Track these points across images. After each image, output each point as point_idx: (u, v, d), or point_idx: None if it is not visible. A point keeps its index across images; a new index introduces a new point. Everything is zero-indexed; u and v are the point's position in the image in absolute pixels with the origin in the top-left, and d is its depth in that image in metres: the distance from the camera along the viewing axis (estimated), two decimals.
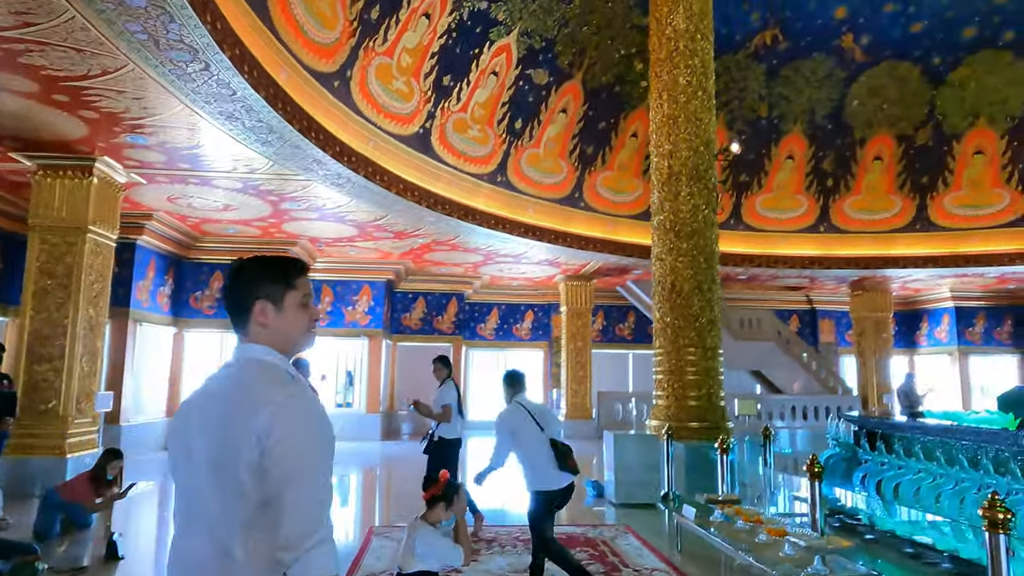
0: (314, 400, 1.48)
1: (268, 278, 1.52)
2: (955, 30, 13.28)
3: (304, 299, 1.55)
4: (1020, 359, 18.99)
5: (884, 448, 6.35)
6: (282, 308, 1.51)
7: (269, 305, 1.50)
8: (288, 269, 1.55)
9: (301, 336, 1.55)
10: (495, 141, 11.85)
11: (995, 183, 14.53)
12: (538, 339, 19.89)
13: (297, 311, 1.53)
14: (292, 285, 1.53)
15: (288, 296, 1.52)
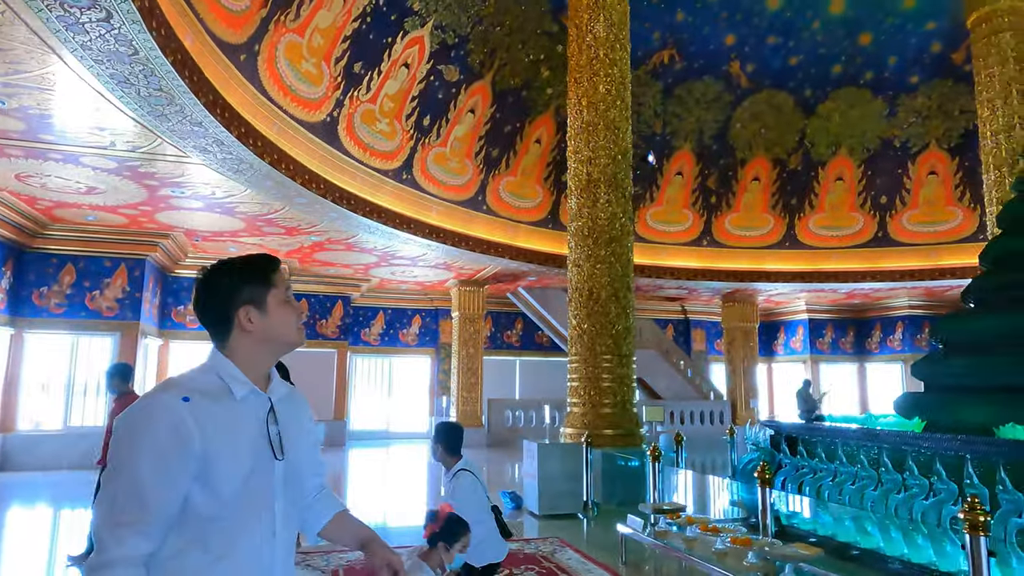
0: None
1: (246, 281, 1.46)
2: (825, 66, 14.58)
3: (286, 295, 1.50)
4: (859, 367, 21.21)
5: (805, 452, 6.64)
6: (266, 310, 1.46)
7: (252, 309, 1.45)
8: (265, 267, 1.50)
9: (293, 333, 1.50)
10: (403, 136, 11.31)
11: (851, 208, 16.11)
12: (425, 345, 19.33)
13: (282, 309, 1.48)
14: (271, 283, 1.48)
15: (270, 296, 1.47)
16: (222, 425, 1.36)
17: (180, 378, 1.41)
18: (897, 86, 14.70)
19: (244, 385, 1.43)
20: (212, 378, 1.42)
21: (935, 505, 5.09)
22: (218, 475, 1.33)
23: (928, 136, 15.11)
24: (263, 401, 1.45)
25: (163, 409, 1.31)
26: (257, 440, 1.40)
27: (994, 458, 4.78)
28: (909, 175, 15.60)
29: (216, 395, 1.40)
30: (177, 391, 1.35)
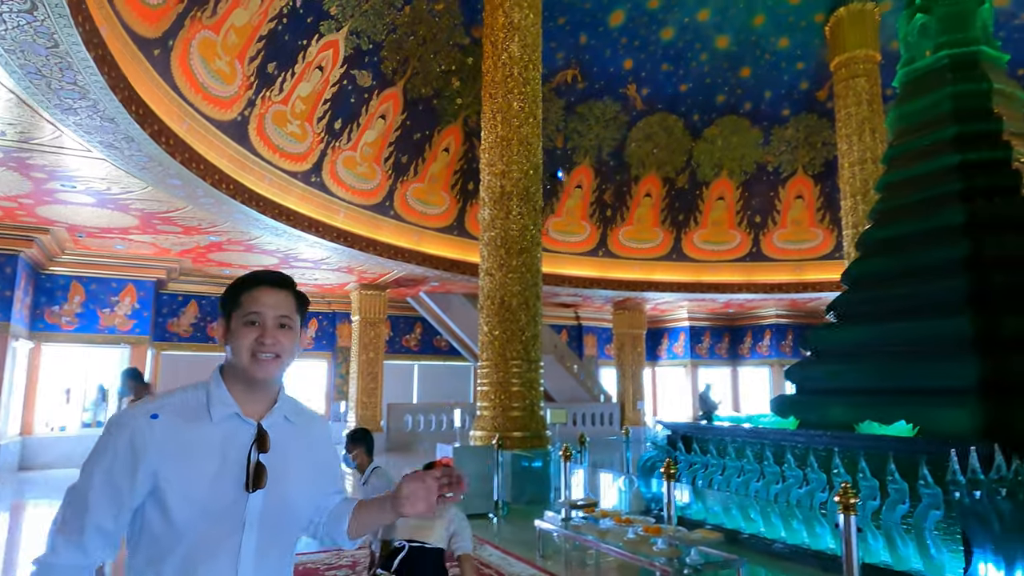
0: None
1: (226, 295, 1.46)
2: (711, 95, 15.88)
3: (248, 316, 1.41)
4: (732, 370, 23.08)
5: (699, 449, 7.35)
6: (229, 328, 1.43)
7: (225, 326, 1.45)
8: (242, 283, 1.46)
9: (242, 359, 1.40)
10: (313, 139, 11.19)
11: (730, 225, 17.60)
12: (322, 349, 18.97)
13: (239, 331, 1.41)
14: (238, 302, 1.44)
15: (235, 314, 1.43)
16: (185, 447, 1.31)
17: (169, 393, 1.40)
18: (771, 117, 16.28)
19: (225, 407, 1.37)
20: (199, 396, 1.39)
21: (808, 493, 5.88)
22: (171, 498, 1.27)
23: (796, 163, 16.83)
24: (246, 427, 1.38)
25: (127, 423, 1.30)
26: (230, 468, 1.32)
27: (856, 450, 5.61)
28: (779, 198, 17.29)
29: (193, 415, 1.35)
30: (151, 407, 1.34)
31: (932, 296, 6.63)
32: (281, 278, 1.48)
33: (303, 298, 1.52)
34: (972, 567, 4.46)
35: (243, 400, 1.40)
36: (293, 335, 1.46)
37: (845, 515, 4.13)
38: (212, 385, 1.41)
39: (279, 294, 1.45)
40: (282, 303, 1.45)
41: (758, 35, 14.71)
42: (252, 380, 1.40)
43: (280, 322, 1.43)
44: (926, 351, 6.36)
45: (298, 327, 1.49)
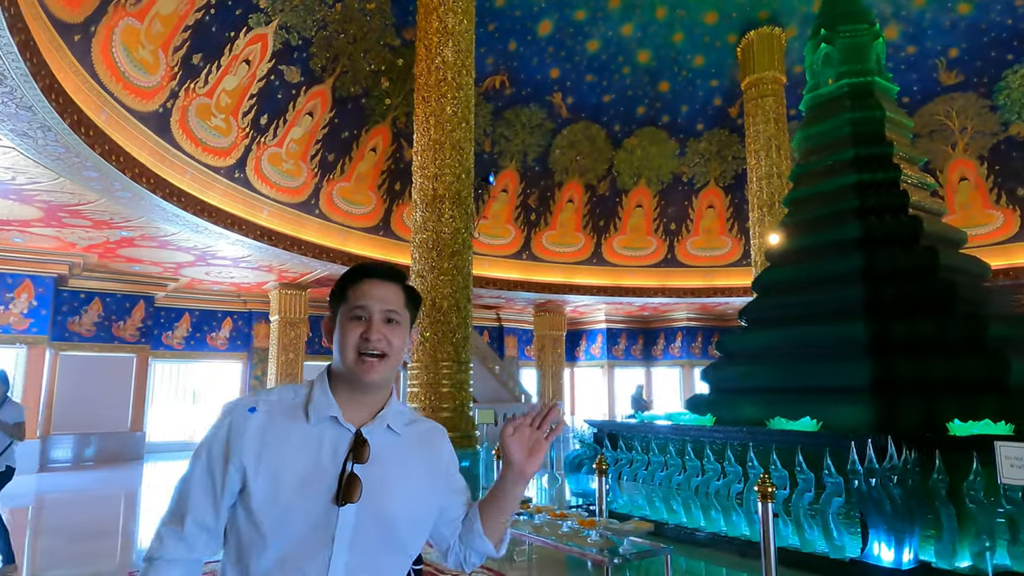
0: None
1: (334, 291, 1.41)
2: (632, 106, 16.55)
3: (354, 311, 1.33)
4: (646, 370, 24.05)
5: (624, 446, 7.74)
6: (336, 326, 1.36)
7: (332, 323, 1.39)
8: (349, 277, 1.39)
9: (347, 356, 1.32)
10: (238, 134, 10.87)
11: (648, 232, 18.38)
12: (236, 350, 18.33)
13: (344, 326, 1.34)
14: (344, 296, 1.36)
15: (341, 310, 1.37)
16: (277, 446, 1.24)
17: (276, 388, 1.36)
18: (687, 130, 17.15)
19: (324, 408, 1.29)
20: (301, 394, 1.33)
21: (726, 485, 6.35)
22: (256, 498, 1.21)
23: (708, 175, 17.79)
24: (345, 433, 1.29)
25: (229, 413, 1.29)
26: (322, 475, 1.23)
27: (768, 445, 6.11)
28: (693, 207, 18.22)
29: (291, 413, 1.29)
30: (251, 400, 1.30)
31: (832, 303, 7.29)
32: (391, 270, 1.40)
33: (414, 294, 1.42)
34: (868, 547, 5.00)
35: (346, 404, 1.31)
36: (402, 332, 1.36)
37: (763, 503, 4.54)
38: (316, 384, 1.34)
39: (388, 287, 1.36)
40: (391, 297, 1.35)
41: (677, 52, 15.48)
42: (356, 381, 1.31)
43: (388, 317, 1.33)
44: (827, 353, 6.99)
45: (408, 325, 1.39)
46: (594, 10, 14.35)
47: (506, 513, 1.46)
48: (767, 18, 14.36)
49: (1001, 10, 13.47)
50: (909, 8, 13.96)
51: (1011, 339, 6.56)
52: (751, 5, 14.28)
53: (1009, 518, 4.65)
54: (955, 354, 6.27)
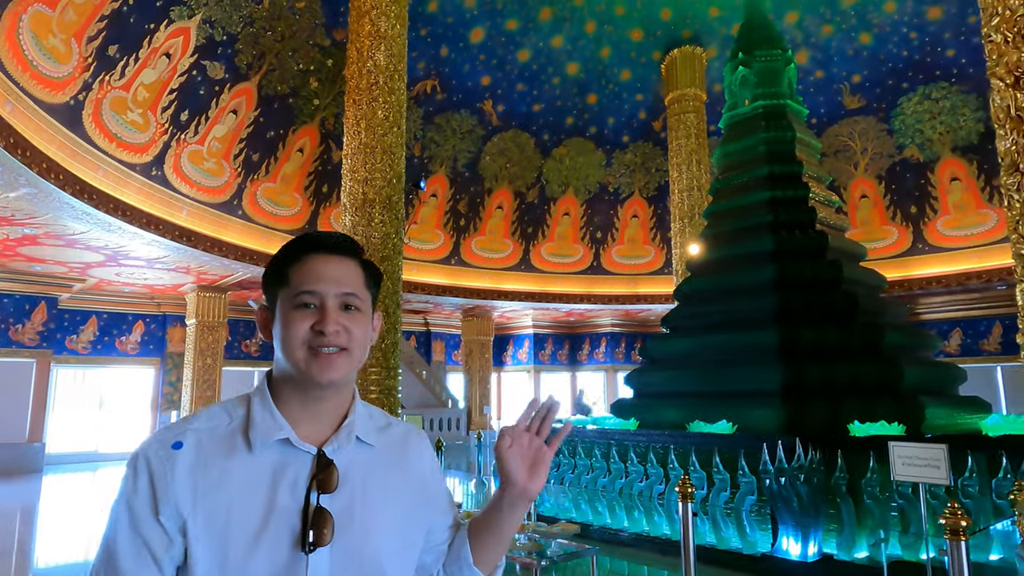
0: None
1: (267, 273, 1.11)
2: (561, 117, 16.90)
3: (299, 298, 1.05)
4: (571, 375, 24.51)
5: None
6: (276, 316, 1.08)
7: (270, 313, 1.11)
8: (286, 254, 1.10)
9: (295, 354, 1.03)
10: (156, 130, 10.40)
11: (574, 240, 18.78)
12: (148, 355, 17.46)
13: (287, 316, 1.05)
14: (285, 279, 1.07)
15: (280, 295, 1.07)
16: (216, 494, 0.96)
17: (204, 412, 1.06)
18: (613, 142, 17.66)
19: (269, 430, 1.01)
20: (237, 415, 1.04)
21: (648, 486, 6.61)
22: (200, 567, 0.93)
23: (633, 186, 18.37)
24: (302, 457, 1.01)
25: (144, 461, 0.98)
26: (280, 519, 0.96)
27: (688, 447, 6.41)
28: (618, 216, 18.75)
29: (227, 442, 1.00)
30: (174, 432, 1.01)
31: (747, 312, 7.72)
32: (343, 241, 1.10)
33: (374, 269, 1.15)
34: (778, 541, 5.33)
35: (299, 418, 1.04)
36: (364, 320, 1.08)
37: (683, 503, 4.78)
38: (255, 400, 1.05)
39: (342, 264, 1.07)
40: (347, 276, 1.07)
41: (604, 66, 15.93)
42: (309, 385, 1.03)
43: (345, 302, 1.05)
44: (742, 360, 7.39)
45: (370, 310, 1.11)
46: (525, 21, 14.59)
47: (504, 541, 1.20)
48: (689, 37, 15.01)
49: (898, 42, 14.62)
50: (818, 35, 14.93)
51: (904, 347, 7.15)
52: (675, 25, 14.88)
53: (901, 512, 5.07)
54: (856, 360, 6.77)
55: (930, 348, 7.97)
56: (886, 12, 14.22)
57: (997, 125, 3.60)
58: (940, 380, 7.26)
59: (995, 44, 3.57)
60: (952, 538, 3.25)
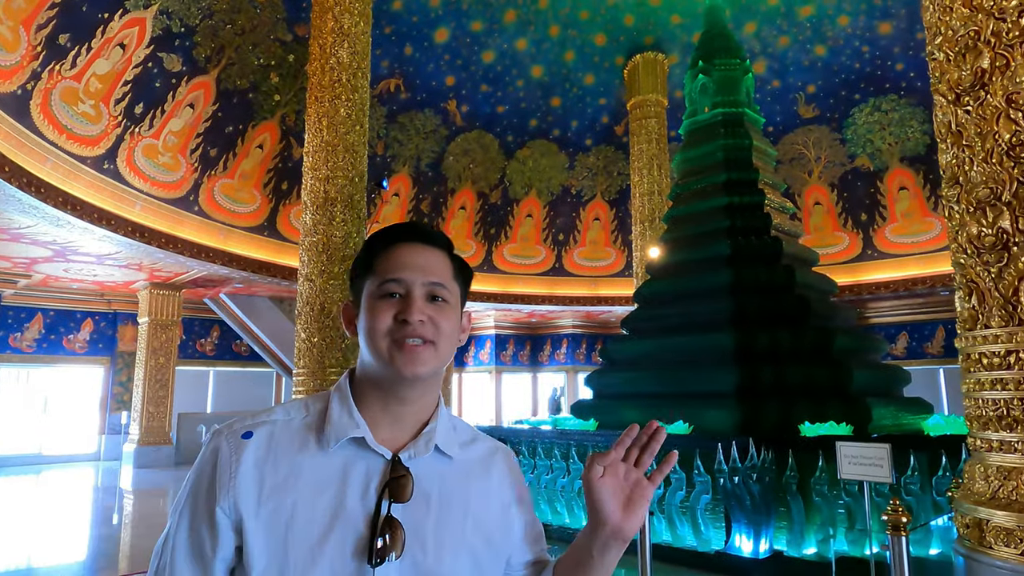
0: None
1: (356, 264, 1.08)
2: (525, 119, 16.98)
3: (385, 286, 1.01)
4: (533, 376, 24.62)
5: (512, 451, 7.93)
6: (360, 306, 1.04)
7: (353, 304, 1.07)
8: (376, 242, 1.07)
9: (377, 343, 0.98)
10: (109, 122, 10.09)
11: (537, 241, 18.88)
12: (98, 353, 16.94)
13: (372, 305, 1.01)
14: (371, 266, 1.04)
15: (367, 285, 1.04)
16: (283, 489, 0.92)
17: (282, 405, 1.03)
18: (576, 145, 17.81)
19: (345, 427, 0.96)
20: (315, 410, 1.01)
21: None
22: (255, 567, 0.89)
23: (595, 189, 18.57)
24: (376, 461, 0.96)
25: (213, 444, 0.96)
26: (347, 524, 0.91)
27: None
28: (580, 219, 18.93)
29: (301, 437, 0.97)
30: (247, 423, 0.98)
31: (704, 315, 7.89)
32: (433, 232, 1.07)
33: (464, 265, 1.09)
34: (731, 539, 5.47)
35: (378, 419, 0.99)
36: (453, 313, 1.03)
37: None
38: (334, 396, 1.01)
39: (431, 254, 1.03)
40: (435, 265, 1.03)
41: (568, 69, 16.07)
42: (393, 380, 0.98)
43: (432, 292, 1.01)
44: (699, 361, 7.55)
45: (459, 305, 1.06)
46: (490, 22, 14.61)
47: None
48: (652, 44, 15.25)
49: (850, 54, 15.11)
50: (775, 46, 15.33)
51: (854, 350, 7.41)
52: (637, 31, 15.10)
53: (847, 509, 5.26)
54: (807, 363, 6.99)
55: (878, 351, 8.26)
56: (840, 25, 14.69)
57: (939, 139, 3.77)
58: (886, 382, 7.54)
59: (938, 62, 3.74)
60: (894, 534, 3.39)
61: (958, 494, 3.54)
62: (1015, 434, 3.17)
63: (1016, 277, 3.23)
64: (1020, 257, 3.22)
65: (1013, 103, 3.31)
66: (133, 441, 14.82)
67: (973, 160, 3.47)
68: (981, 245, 3.39)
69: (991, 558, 3.12)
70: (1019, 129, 3.28)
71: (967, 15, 3.53)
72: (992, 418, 3.29)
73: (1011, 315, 3.24)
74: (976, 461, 3.43)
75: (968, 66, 3.51)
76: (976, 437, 3.44)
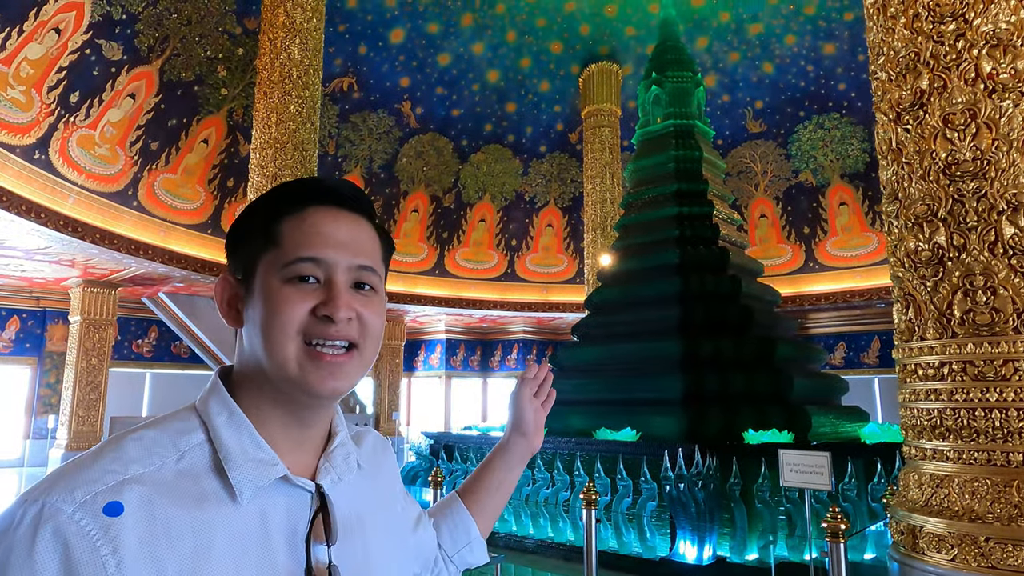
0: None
1: (241, 228, 0.80)
2: (480, 123, 16.94)
3: (297, 267, 0.74)
4: (483, 381, 24.53)
5: (460, 458, 7.85)
6: (252, 290, 0.76)
7: (241, 286, 0.78)
8: (276, 199, 0.78)
9: (279, 351, 0.73)
10: (41, 110, 9.59)
11: (490, 246, 18.84)
12: (24, 353, 16.07)
13: (277, 292, 0.74)
14: (274, 238, 0.76)
15: (262, 262, 0.76)
16: (190, 569, 0.63)
17: (120, 449, 0.67)
18: (530, 151, 17.87)
19: (260, 467, 0.71)
20: (194, 446, 0.71)
21: (554, 493, 6.67)
22: None
23: (549, 195, 18.65)
24: (297, 498, 0.74)
25: (55, 550, 0.59)
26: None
27: (593, 454, 6.53)
28: (533, 225, 18.98)
29: (196, 490, 0.68)
30: (100, 487, 0.63)
31: (653, 323, 7.97)
32: (358, 195, 0.81)
33: (389, 239, 0.87)
34: (675, 546, 5.51)
35: (282, 443, 0.75)
36: (380, 306, 0.81)
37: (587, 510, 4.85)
38: (218, 419, 0.72)
39: (357, 225, 0.80)
40: (363, 242, 0.79)
41: (524, 75, 16.11)
42: (299, 399, 0.75)
43: (359, 278, 0.78)
44: (646, 368, 7.62)
45: (384, 293, 0.84)
46: (447, 25, 14.53)
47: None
48: (606, 54, 15.43)
49: (796, 73, 15.62)
50: (725, 61, 15.72)
51: (794, 359, 7.60)
52: (593, 41, 15.26)
53: (788, 515, 5.37)
54: (750, 371, 7.13)
55: (817, 360, 8.51)
56: (787, 44, 15.16)
57: (880, 156, 3.89)
58: (825, 390, 7.76)
59: (880, 81, 3.85)
60: (832, 540, 3.46)
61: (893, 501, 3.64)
62: (948, 443, 3.27)
63: (950, 291, 3.34)
64: (954, 272, 3.34)
65: (949, 123, 3.43)
66: (60, 446, 14.07)
67: (912, 177, 3.58)
68: (918, 259, 3.50)
69: (924, 563, 3.21)
70: (955, 148, 3.40)
71: (908, 37, 3.65)
72: (926, 427, 3.39)
73: (945, 327, 3.35)
74: (911, 469, 3.53)
75: (908, 86, 3.62)
76: (911, 446, 3.54)
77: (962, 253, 3.32)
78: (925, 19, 3.56)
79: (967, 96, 3.37)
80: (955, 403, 3.25)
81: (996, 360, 3.14)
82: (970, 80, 3.38)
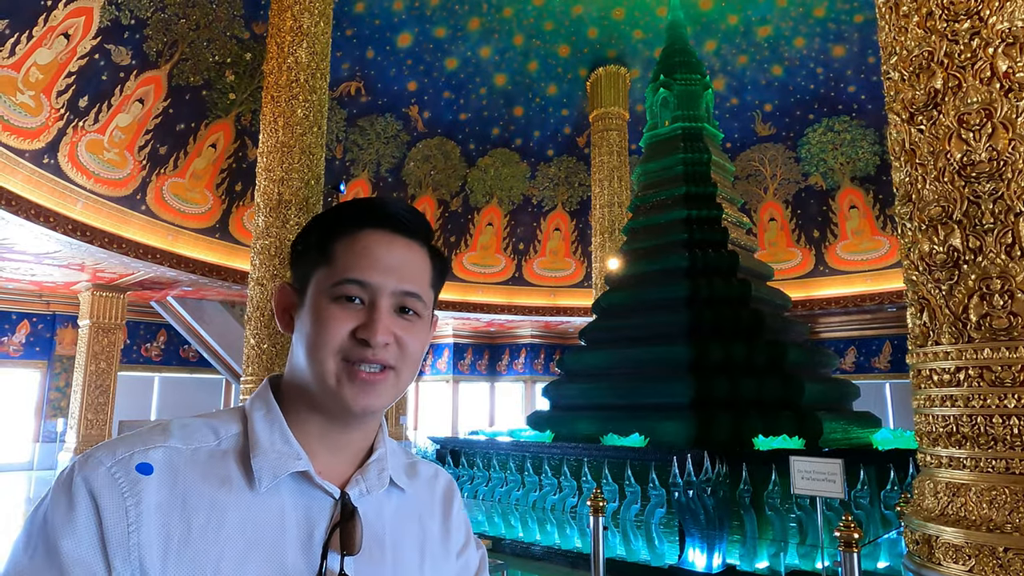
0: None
1: (301, 248, 0.83)
2: (487, 127, 16.92)
3: (343, 288, 0.77)
4: (491, 386, 24.47)
5: (466, 462, 7.79)
6: (305, 305, 0.80)
7: (296, 301, 0.82)
8: (330, 222, 0.82)
9: (321, 364, 0.76)
10: (50, 115, 9.63)
11: (497, 250, 18.80)
12: (34, 357, 16.15)
13: (323, 311, 0.77)
14: (328, 255, 0.79)
15: (314, 280, 0.80)
16: (202, 543, 0.67)
17: (177, 422, 0.76)
18: (538, 155, 17.83)
19: (282, 460, 0.74)
20: (230, 435, 0.76)
21: (561, 499, 6.61)
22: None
23: (557, 199, 18.60)
24: (320, 501, 0.76)
25: (86, 490, 0.67)
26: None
27: (601, 460, 6.46)
28: (541, 228, 18.93)
29: (220, 471, 0.72)
30: (135, 448, 0.70)
31: (661, 327, 7.90)
32: (413, 217, 0.82)
33: (443, 264, 0.87)
34: (684, 553, 5.43)
35: (314, 446, 0.78)
36: (423, 330, 0.84)
37: (594, 517, 4.78)
38: (256, 415, 0.78)
39: (408, 250, 0.81)
40: (412, 267, 0.81)
41: (531, 79, 16.08)
42: (336, 409, 0.77)
43: (403, 303, 0.80)
44: (655, 373, 7.54)
45: (431, 317, 0.86)
46: (454, 29, 14.53)
47: None
48: (614, 57, 15.38)
49: (805, 76, 15.52)
50: (734, 64, 15.64)
51: (805, 364, 7.50)
52: (601, 44, 15.22)
53: (799, 523, 5.28)
54: (760, 376, 7.04)
55: (828, 365, 8.40)
56: (796, 47, 15.07)
57: (893, 157, 3.82)
58: (836, 396, 7.66)
59: (893, 81, 3.78)
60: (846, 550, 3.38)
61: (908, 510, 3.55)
62: (964, 451, 3.19)
63: (966, 294, 3.27)
64: (970, 275, 3.26)
65: (964, 123, 3.36)
66: (69, 450, 14.12)
67: (926, 179, 3.51)
68: (933, 263, 3.42)
69: (940, 574, 3.12)
70: (970, 149, 3.33)
71: (921, 36, 3.58)
72: (942, 434, 3.31)
73: (961, 332, 3.27)
74: (926, 477, 3.45)
75: (922, 86, 3.55)
76: (926, 453, 3.46)
77: (978, 256, 3.24)
78: (939, 17, 3.49)
79: (982, 95, 3.30)
80: (972, 409, 3.17)
81: (1014, 365, 3.06)
82: (985, 79, 3.30)
